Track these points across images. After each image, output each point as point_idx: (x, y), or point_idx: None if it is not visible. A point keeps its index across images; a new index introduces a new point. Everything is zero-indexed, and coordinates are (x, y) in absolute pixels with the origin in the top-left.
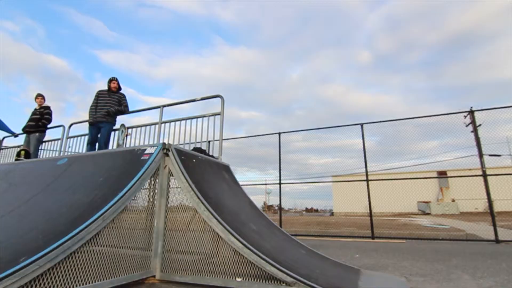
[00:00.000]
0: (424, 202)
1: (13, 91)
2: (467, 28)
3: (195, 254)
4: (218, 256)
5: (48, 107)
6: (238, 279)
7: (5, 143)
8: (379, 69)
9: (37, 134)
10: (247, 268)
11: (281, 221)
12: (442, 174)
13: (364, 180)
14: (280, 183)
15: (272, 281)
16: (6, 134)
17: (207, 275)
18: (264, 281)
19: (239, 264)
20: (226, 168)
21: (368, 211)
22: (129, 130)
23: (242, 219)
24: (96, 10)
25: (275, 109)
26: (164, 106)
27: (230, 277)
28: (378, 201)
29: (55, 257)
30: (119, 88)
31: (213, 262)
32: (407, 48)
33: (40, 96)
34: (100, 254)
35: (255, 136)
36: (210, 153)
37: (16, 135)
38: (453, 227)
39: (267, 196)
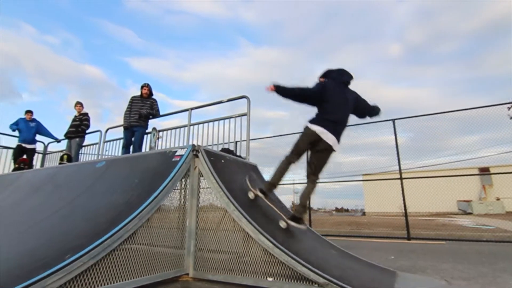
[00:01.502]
0: (464, 201)
1: (55, 100)
2: (505, 15)
3: (226, 253)
4: (249, 255)
5: (86, 114)
6: (269, 279)
7: (50, 148)
8: (410, 62)
9: (77, 139)
10: (278, 268)
11: (311, 221)
12: (484, 171)
13: (397, 179)
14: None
15: (304, 282)
16: (50, 140)
17: (239, 274)
18: (295, 281)
19: (270, 263)
20: (254, 168)
21: (403, 211)
22: (160, 133)
23: (271, 219)
24: (126, 19)
25: (302, 108)
26: (192, 108)
27: (261, 277)
28: (413, 200)
29: (97, 254)
30: (151, 94)
31: (244, 261)
32: (440, 38)
33: (79, 104)
34: (137, 252)
35: (281, 135)
36: (238, 154)
37: (59, 141)
38: (499, 227)
39: (295, 196)
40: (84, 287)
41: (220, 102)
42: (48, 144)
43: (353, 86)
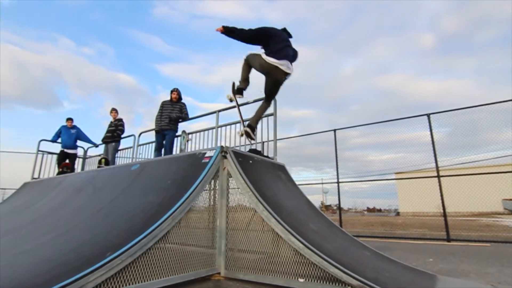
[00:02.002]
0: (511, 199)
1: (92, 107)
2: None
3: (256, 253)
4: (279, 255)
5: (121, 119)
6: (301, 280)
7: (89, 153)
8: (445, 53)
9: (113, 143)
10: (309, 269)
11: (341, 221)
12: None
13: (434, 177)
14: (338, 182)
15: (336, 284)
16: (89, 145)
17: (269, 274)
18: (327, 283)
19: (301, 264)
20: (282, 168)
21: (441, 211)
22: (190, 136)
23: (301, 219)
24: (155, 27)
25: (329, 106)
26: (219, 111)
27: (292, 277)
28: (452, 199)
29: (134, 253)
30: (180, 98)
31: (274, 261)
32: (478, 25)
33: (114, 111)
34: (170, 250)
35: (309, 134)
36: (265, 154)
37: (97, 146)
38: None
39: (324, 196)
40: (122, 284)
41: (247, 103)
42: (88, 149)
43: (383, 81)
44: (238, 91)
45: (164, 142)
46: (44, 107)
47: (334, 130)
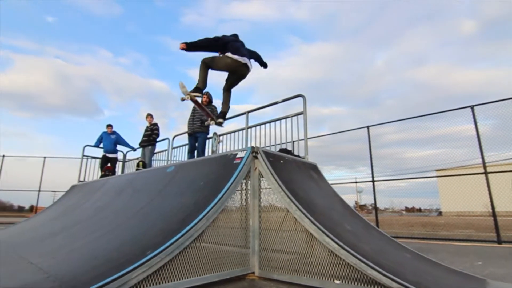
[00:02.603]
0: None
1: (129, 113)
2: None
3: (290, 254)
4: (313, 256)
5: (156, 124)
6: (337, 282)
7: (128, 156)
8: (488, 39)
9: (149, 147)
10: (345, 270)
11: (378, 222)
12: None
13: (481, 173)
14: (373, 181)
15: (375, 287)
16: (128, 149)
17: (304, 275)
18: (365, 285)
19: (336, 265)
20: (314, 167)
21: (489, 210)
22: (221, 137)
23: (335, 219)
24: (185, 34)
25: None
26: (249, 112)
27: (327, 279)
28: (503, 198)
29: (172, 251)
30: (210, 101)
31: (309, 262)
32: None
33: (149, 116)
34: (206, 250)
35: (340, 132)
36: (296, 153)
37: (134, 149)
38: None
39: (358, 195)
40: (162, 281)
41: (276, 103)
42: (127, 152)
43: (419, 73)
44: (197, 89)
45: (196, 144)
46: (87, 115)
47: (368, 127)
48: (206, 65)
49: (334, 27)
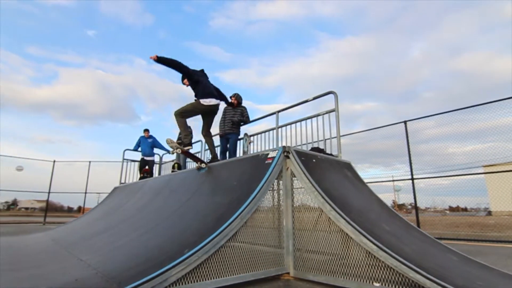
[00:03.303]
0: None
1: (164, 117)
2: None
3: (325, 254)
4: (350, 257)
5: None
6: (376, 284)
7: (164, 159)
8: None
9: None
10: (385, 272)
11: (419, 222)
12: None
13: None
14: (412, 179)
15: None
16: (164, 152)
17: (340, 277)
18: None
19: (375, 267)
20: (348, 166)
21: None
22: (251, 138)
23: (372, 219)
24: (213, 38)
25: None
26: (279, 111)
27: (365, 281)
28: None
29: (208, 250)
30: (239, 102)
31: (345, 263)
32: None
33: None
34: (240, 249)
35: (375, 128)
36: (328, 152)
37: (170, 152)
38: None
39: (396, 194)
40: (199, 279)
41: (306, 101)
42: (163, 155)
43: (459, 63)
44: (188, 145)
45: (228, 145)
46: (125, 121)
47: (405, 122)
48: (181, 117)
49: (363, 19)
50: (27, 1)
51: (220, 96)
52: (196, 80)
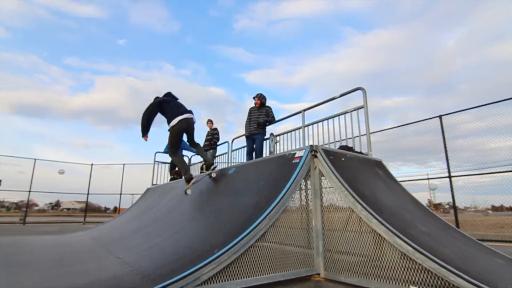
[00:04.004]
0: None
1: None
2: None
3: (356, 256)
4: (383, 259)
5: (216, 129)
6: (413, 287)
7: (193, 160)
8: None
9: (211, 150)
10: (422, 275)
11: (458, 222)
12: None
13: None
14: (449, 176)
15: None
16: (193, 153)
17: (374, 279)
18: None
19: (411, 270)
20: (379, 164)
21: None
22: (277, 138)
23: (407, 220)
24: (237, 40)
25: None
26: (304, 110)
27: (401, 284)
28: None
29: (238, 250)
30: (263, 102)
31: (378, 265)
32: None
33: (209, 122)
34: (270, 249)
35: (407, 124)
36: (358, 150)
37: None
38: None
39: (431, 193)
40: (230, 278)
41: (333, 98)
42: (191, 157)
43: (500, 50)
44: (188, 180)
45: (254, 146)
46: (155, 124)
47: (440, 116)
48: (175, 154)
49: (391, 11)
50: (67, 17)
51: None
52: (161, 107)
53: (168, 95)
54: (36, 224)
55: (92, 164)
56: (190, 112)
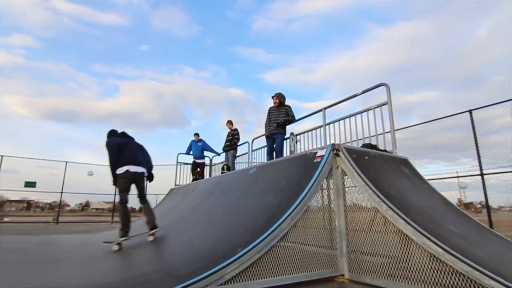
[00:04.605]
0: None
1: (212, 121)
2: None
3: (382, 257)
4: (410, 261)
5: (236, 129)
6: None
7: (214, 161)
8: None
9: (232, 151)
10: (453, 278)
11: (491, 223)
12: None
13: None
14: (482, 174)
15: None
16: (213, 154)
17: (401, 281)
18: None
19: (441, 272)
20: (405, 162)
21: None
22: (298, 137)
23: (436, 220)
24: (256, 40)
25: (457, 83)
26: (325, 108)
27: (430, 286)
28: None
29: (260, 250)
30: (281, 102)
31: (406, 267)
32: None
33: (229, 123)
34: (292, 249)
35: (435, 120)
36: (382, 148)
37: (219, 154)
38: None
39: (462, 192)
40: (253, 277)
41: (355, 95)
42: (213, 157)
43: None
44: (124, 235)
45: (274, 145)
46: (177, 126)
47: (470, 111)
48: (120, 201)
49: (415, 2)
50: (93, 26)
51: (146, 162)
52: (118, 150)
53: (123, 135)
54: (68, 224)
55: None
56: (147, 161)
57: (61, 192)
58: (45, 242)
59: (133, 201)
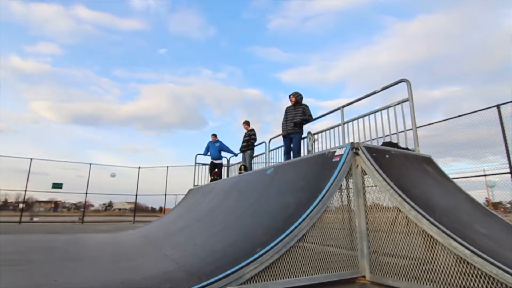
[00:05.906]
0: None
1: (229, 122)
2: None
3: (405, 258)
4: (436, 262)
5: (253, 130)
6: None
7: (231, 161)
8: None
9: (249, 151)
10: (482, 281)
11: None
12: None
13: None
14: (511, 172)
15: None
16: (231, 154)
17: (426, 283)
18: None
19: (469, 275)
20: (428, 160)
21: None
22: (316, 136)
23: (463, 220)
24: (271, 40)
25: (483, 77)
26: (343, 106)
27: None
28: None
29: (279, 250)
30: (298, 101)
31: (430, 269)
32: None
33: (245, 123)
34: (311, 250)
35: (459, 116)
36: (403, 146)
37: (236, 154)
38: None
39: (489, 191)
40: (272, 278)
41: (374, 92)
42: (230, 158)
43: None
44: None
45: (291, 145)
46: (195, 127)
47: (498, 106)
48: None
49: None
50: (114, 32)
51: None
52: None
53: None
54: (92, 223)
55: (139, 167)
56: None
57: (86, 193)
58: (71, 240)
59: (152, 201)
